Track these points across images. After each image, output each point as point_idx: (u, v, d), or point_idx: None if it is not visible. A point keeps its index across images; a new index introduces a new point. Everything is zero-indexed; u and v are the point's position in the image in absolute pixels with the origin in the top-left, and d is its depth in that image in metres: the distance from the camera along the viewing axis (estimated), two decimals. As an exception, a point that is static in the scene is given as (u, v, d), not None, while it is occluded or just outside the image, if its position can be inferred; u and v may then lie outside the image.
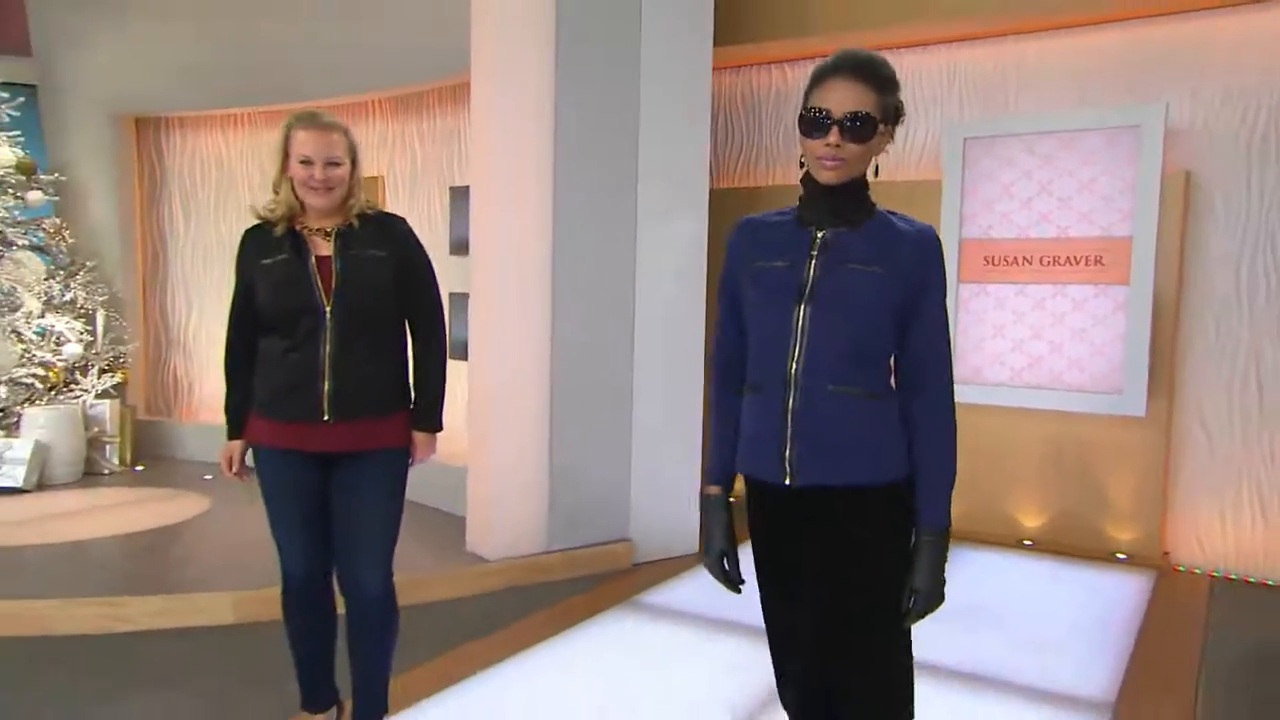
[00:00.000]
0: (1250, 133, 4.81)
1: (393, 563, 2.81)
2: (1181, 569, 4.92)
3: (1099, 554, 5.05)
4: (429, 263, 2.89)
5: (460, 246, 6.05)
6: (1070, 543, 5.17)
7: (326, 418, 2.66)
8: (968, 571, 4.90)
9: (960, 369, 5.03)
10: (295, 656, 2.90)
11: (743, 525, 1.86)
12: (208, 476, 6.43)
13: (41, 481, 5.98)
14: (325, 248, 2.67)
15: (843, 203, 1.82)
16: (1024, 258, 5.37)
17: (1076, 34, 5.29)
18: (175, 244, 7.43)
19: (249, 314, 2.74)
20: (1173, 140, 4.83)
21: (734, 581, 1.94)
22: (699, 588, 4.58)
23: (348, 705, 2.94)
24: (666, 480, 5.05)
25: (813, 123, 1.76)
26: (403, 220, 2.89)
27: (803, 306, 1.79)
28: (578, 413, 4.74)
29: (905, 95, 1.98)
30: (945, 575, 1.81)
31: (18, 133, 6.49)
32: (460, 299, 5.97)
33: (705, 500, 2.00)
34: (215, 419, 7.09)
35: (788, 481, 1.82)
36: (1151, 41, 5.06)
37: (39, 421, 6.04)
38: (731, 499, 1.93)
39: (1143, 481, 5.00)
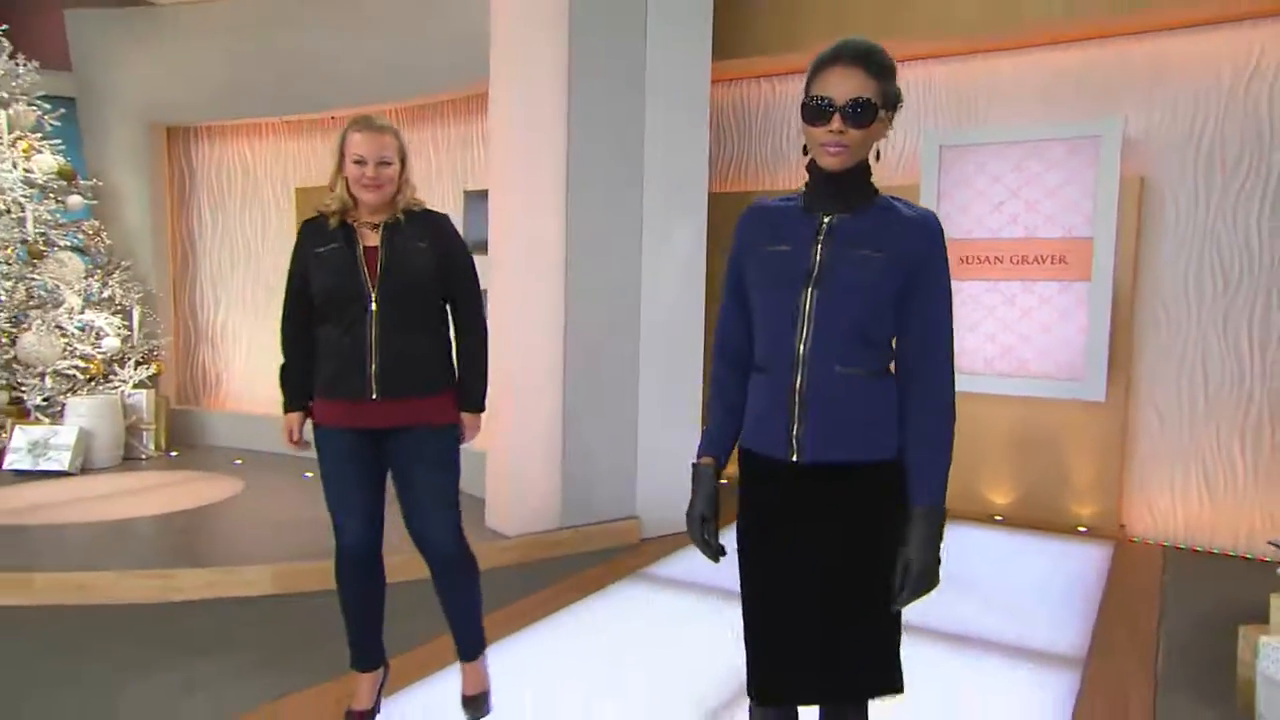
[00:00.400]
0: (1198, 143, 4.90)
1: (460, 521, 2.85)
2: (1136, 540, 5.03)
3: (1063, 527, 5.14)
4: (469, 255, 2.91)
5: (476, 246, 6.04)
6: (1037, 518, 5.25)
7: (375, 396, 2.69)
8: (945, 545, 5.00)
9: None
10: (347, 621, 2.92)
11: (729, 507, 1.79)
12: (238, 461, 6.50)
13: (85, 465, 5.99)
14: (373, 239, 2.71)
15: (847, 188, 1.74)
16: (995, 257, 5.44)
17: (1043, 52, 5.34)
18: (203, 245, 7.42)
19: (303, 297, 2.77)
20: (1129, 150, 4.92)
21: (711, 546, 1.88)
22: (703, 560, 4.56)
23: (393, 665, 2.98)
24: (669, 462, 4.99)
25: (816, 111, 1.68)
26: (445, 216, 2.91)
27: (809, 290, 1.72)
28: (588, 401, 4.77)
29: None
30: (941, 555, 1.73)
31: (59, 141, 6.52)
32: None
33: (695, 469, 1.92)
34: (242, 408, 7.24)
35: (795, 458, 1.75)
36: (1110, 60, 5.14)
37: (81, 410, 6.04)
38: (723, 481, 1.88)
39: (1102, 461, 5.10)
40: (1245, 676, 3.01)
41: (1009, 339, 5.41)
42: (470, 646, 2.94)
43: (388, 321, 2.69)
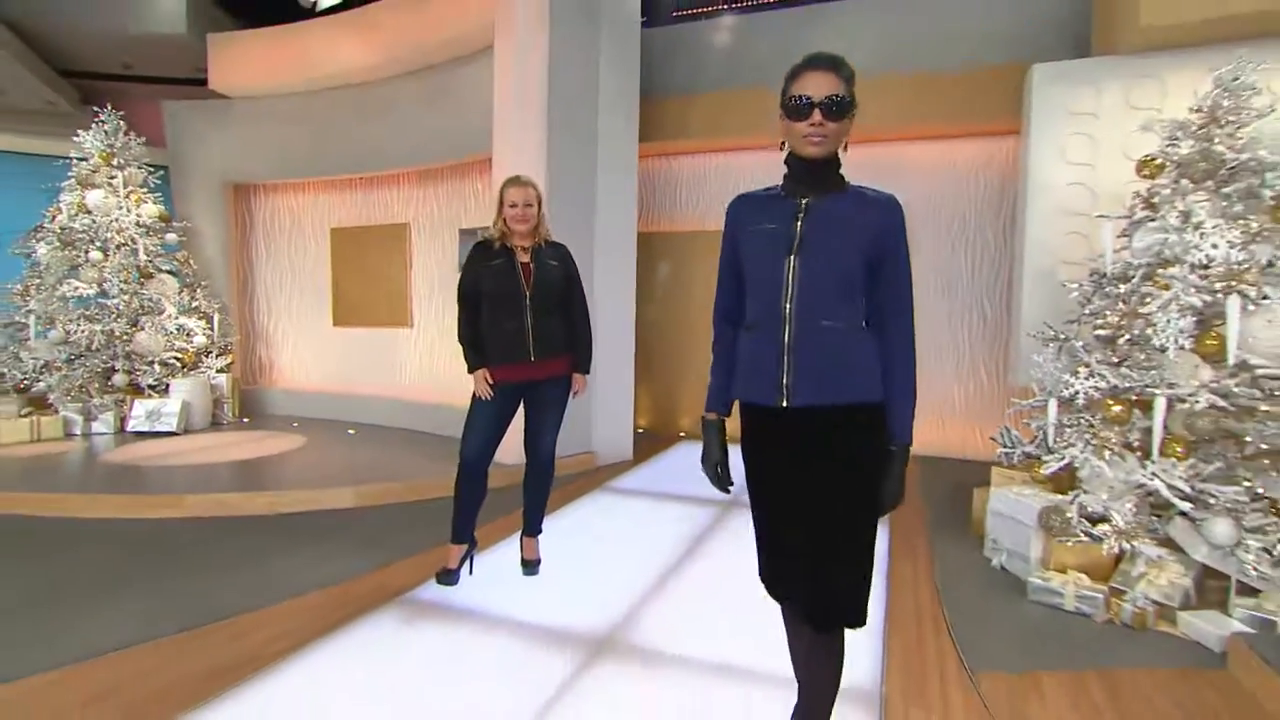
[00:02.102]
0: (946, 222, 5.66)
1: (556, 442, 3.09)
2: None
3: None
4: (577, 270, 3.07)
5: None
6: None
7: (533, 358, 2.92)
8: None
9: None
10: (456, 509, 3.03)
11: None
12: (295, 424, 6.58)
13: (186, 428, 6.08)
14: (525, 257, 2.92)
15: (823, 174, 1.57)
16: None
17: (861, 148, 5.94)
18: (259, 270, 7.46)
19: (475, 293, 2.93)
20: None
21: (723, 482, 1.70)
22: (640, 479, 4.98)
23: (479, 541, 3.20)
24: (612, 413, 5.40)
25: (796, 109, 1.52)
26: (565, 246, 3.07)
27: (792, 258, 1.53)
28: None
29: (755, 176, 2.06)
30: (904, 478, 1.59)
31: (158, 194, 6.62)
32: None
33: (705, 423, 1.72)
34: (290, 385, 7.37)
35: (785, 403, 1.55)
36: (889, 155, 5.68)
37: (183, 388, 6.14)
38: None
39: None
40: (977, 517, 3.64)
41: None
42: (536, 525, 3.22)
43: (537, 310, 2.91)
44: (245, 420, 6.79)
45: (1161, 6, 3.94)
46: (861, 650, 2.49)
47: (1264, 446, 2.83)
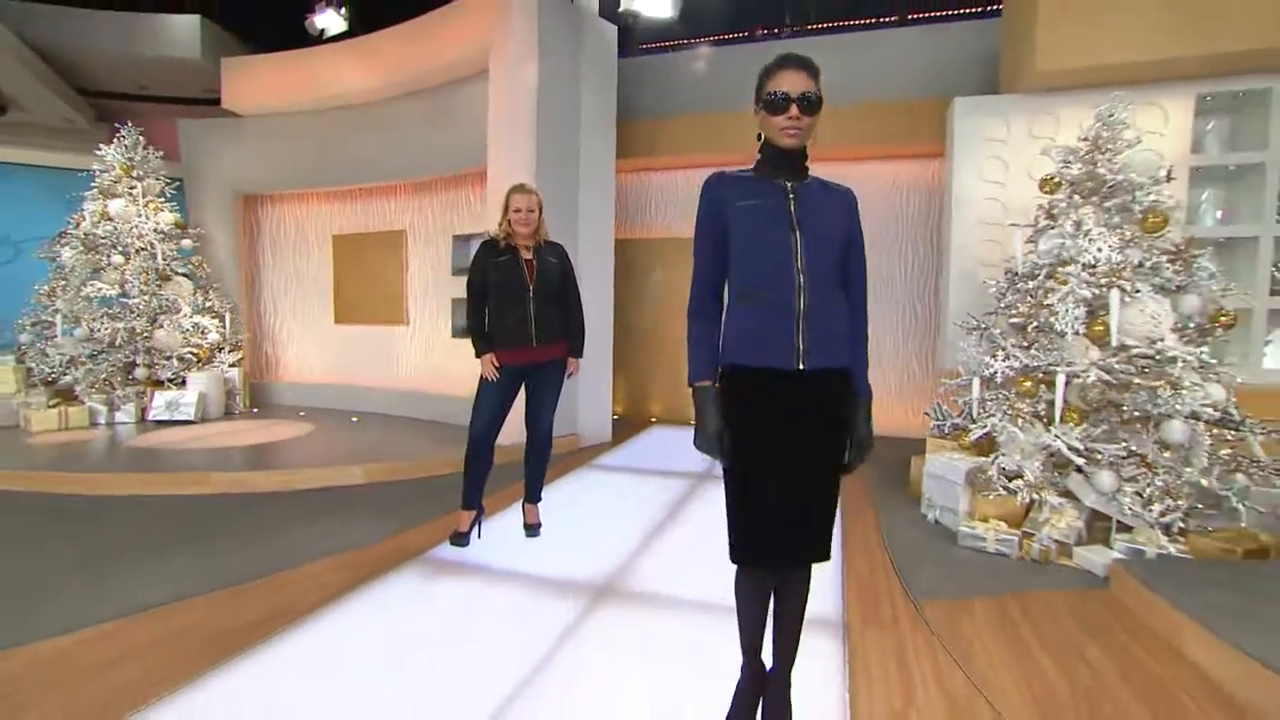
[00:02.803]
0: (882, 232, 5.84)
1: (554, 418, 3.12)
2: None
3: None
4: (573, 267, 3.12)
5: (458, 270, 6.12)
6: None
7: (535, 344, 2.96)
8: None
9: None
10: (466, 479, 3.07)
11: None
12: (301, 413, 6.49)
13: (203, 417, 5.99)
14: (528, 255, 2.96)
15: (797, 163, 1.55)
16: None
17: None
18: (266, 273, 7.33)
19: (482, 286, 2.95)
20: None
21: (726, 453, 1.52)
22: (620, 457, 5.08)
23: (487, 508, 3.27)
24: (593, 400, 5.45)
25: (775, 104, 1.50)
26: (562, 246, 3.09)
27: (796, 234, 1.50)
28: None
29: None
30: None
31: (174, 204, 6.47)
32: (460, 302, 6.08)
33: (700, 391, 1.54)
34: (295, 379, 7.23)
35: (800, 365, 1.49)
36: (835, 173, 5.44)
37: (199, 381, 6.03)
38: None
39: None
40: (915, 481, 3.85)
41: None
42: (536, 493, 3.28)
43: (538, 301, 2.95)
44: (255, 410, 6.68)
45: (1053, 55, 4.22)
46: (824, 589, 2.65)
47: (1137, 413, 3.09)
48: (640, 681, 1.99)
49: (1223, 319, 3.20)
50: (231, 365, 6.47)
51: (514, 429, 3.42)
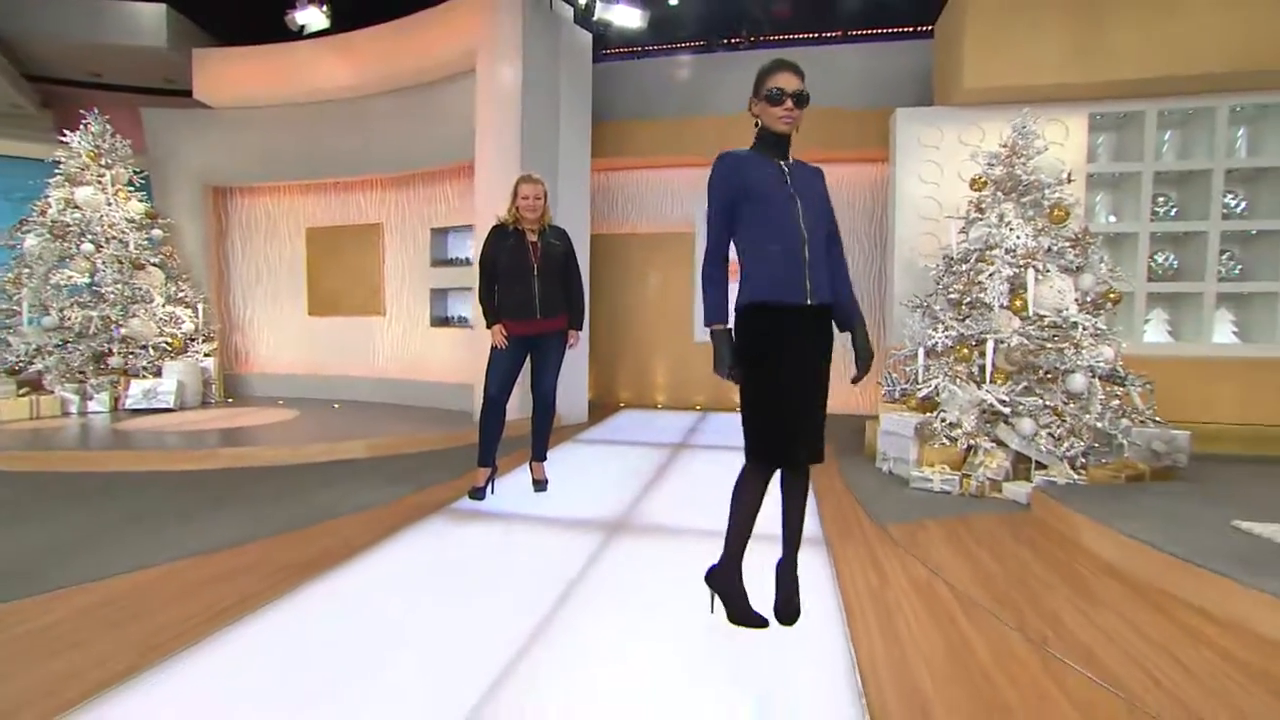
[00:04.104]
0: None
1: (557, 383, 3.35)
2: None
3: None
4: (574, 249, 3.34)
5: (437, 262, 6.45)
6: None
7: (539, 316, 3.21)
8: (720, 421, 6.36)
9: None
10: (481, 438, 3.31)
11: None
12: (281, 402, 6.57)
13: (182, 405, 5.97)
14: (534, 238, 3.20)
15: (787, 146, 1.90)
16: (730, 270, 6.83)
17: None
18: (236, 265, 7.28)
19: (493, 265, 3.21)
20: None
21: (736, 379, 1.87)
22: (598, 434, 5.49)
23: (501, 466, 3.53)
24: (572, 383, 5.66)
25: (775, 97, 1.83)
26: (565, 230, 3.32)
27: (796, 200, 1.84)
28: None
29: (677, 191, 2.71)
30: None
31: (143, 193, 6.43)
32: (439, 292, 6.49)
33: (717, 334, 1.87)
34: (267, 370, 7.27)
35: (809, 300, 1.83)
36: None
37: (176, 369, 6.02)
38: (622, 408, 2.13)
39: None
40: (870, 443, 4.42)
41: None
42: (542, 451, 3.55)
43: (543, 280, 3.20)
44: (230, 400, 6.70)
45: (978, 75, 4.92)
46: (807, 522, 3.13)
47: (1048, 374, 3.75)
48: (658, 593, 2.35)
49: (1112, 296, 3.92)
50: (207, 355, 6.47)
51: (514, 403, 3.65)
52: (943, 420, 3.85)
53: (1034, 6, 4.75)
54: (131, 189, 6.32)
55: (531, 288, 3.17)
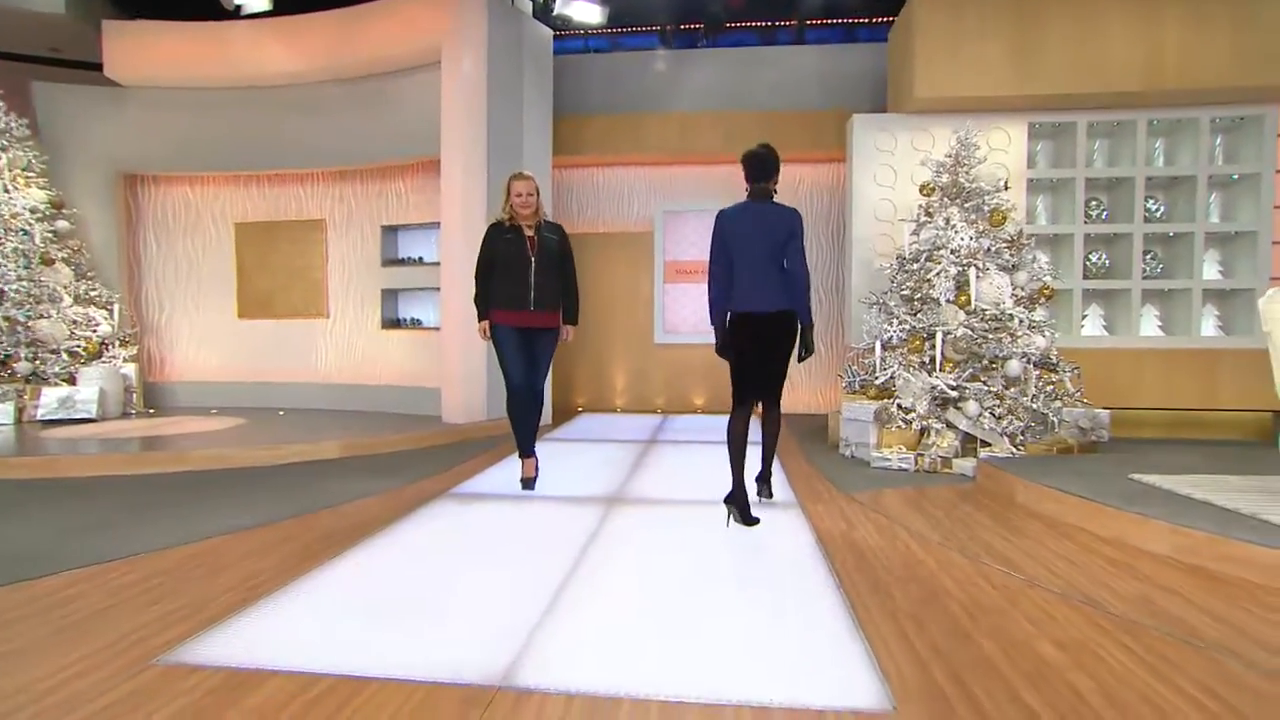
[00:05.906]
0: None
1: (549, 378, 3.76)
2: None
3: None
4: (570, 245, 3.79)
5: (388, 261, 7.05)
6: (724, 406, 7.58)
7: (533, 309, 3.66)
8: (682, 423, 7.24)
9: (669, 322, 7.24)
10: (517, 430, 3.80)
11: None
12: (213, 410, 6.93)
13: (104, 415, 6.20)
14: (530, 233, 3.67)
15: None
16: (692, 270, 7.67)
17: (713, 166, 7.51)
18: (151, 262, 7.54)
19: (489, 260, 3.68)
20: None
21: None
22: (565, 433, 6.21)
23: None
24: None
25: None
26: (561, 225, 3.81)
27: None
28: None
29: (635, 189, 4.18)
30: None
31: (43, 180, 6.61)
32: (390, 293, 7.12)
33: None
34: (188, 378, 7.70)
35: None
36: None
37: (96, 376, 6.27)
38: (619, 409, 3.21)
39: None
40: (833, 428, 5.38)
41: (701, 312, 7.48)
42: (531, 447, 4.01)
43: (539, 273, 3.64)
44: (151, 410, 6.94)
45: (928, 85, 6.04)
46: (781, 493, 4.02)
47: (990, 363, 4.82)
48: (658, 550, 3.11)
49: (1045, 291, 5.05)
50: (127, 360, 6.74)
51: (485, 408, 4.12)
52: (899, 406, 4.85)
53: (979, 21, 5.91)
54: (31, 174, 6.52)
55: (527, 280, 3.62)
